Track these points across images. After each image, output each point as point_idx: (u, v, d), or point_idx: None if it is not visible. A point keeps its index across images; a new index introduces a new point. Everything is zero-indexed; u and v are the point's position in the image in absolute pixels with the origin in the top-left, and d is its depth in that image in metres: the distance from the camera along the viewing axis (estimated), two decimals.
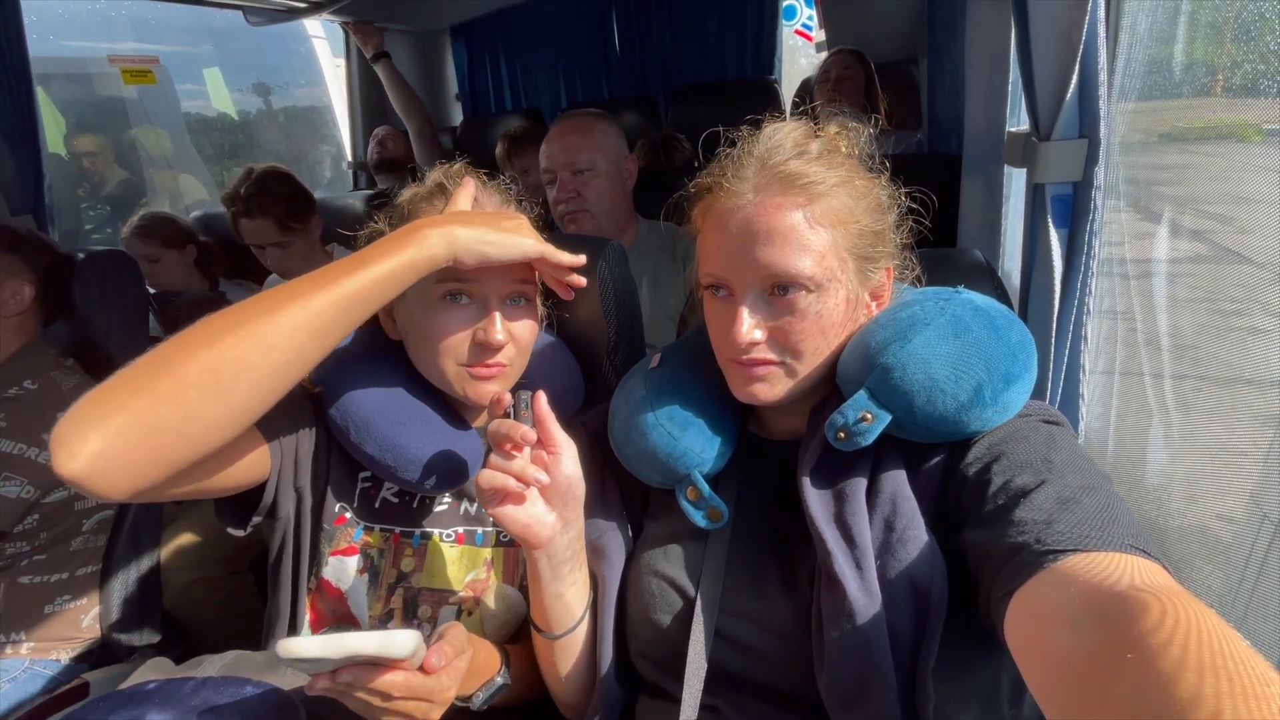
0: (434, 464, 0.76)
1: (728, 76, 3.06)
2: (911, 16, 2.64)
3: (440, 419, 0.79)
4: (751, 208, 0.63)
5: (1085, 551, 0.45)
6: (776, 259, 0.62)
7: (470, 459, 0.79)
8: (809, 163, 0.63)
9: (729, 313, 0.65)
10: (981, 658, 0.59)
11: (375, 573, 0.80)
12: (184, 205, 3.64)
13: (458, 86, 3.35)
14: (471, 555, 0.82)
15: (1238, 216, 0.92)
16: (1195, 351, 0.92)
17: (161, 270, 2.02)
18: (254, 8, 2.28)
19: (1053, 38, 0.86)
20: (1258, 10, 0.83)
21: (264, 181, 1.72)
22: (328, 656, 0.52)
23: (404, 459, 0.74)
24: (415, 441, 0.75)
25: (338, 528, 0.80)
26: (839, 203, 0.63)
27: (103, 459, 0.51)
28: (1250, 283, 0.86)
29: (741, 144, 0.67)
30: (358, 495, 0.81)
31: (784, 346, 0.64)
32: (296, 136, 4.49)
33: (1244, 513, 0.87)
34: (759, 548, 0.68)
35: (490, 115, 3.26)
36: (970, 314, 0.62)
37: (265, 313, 0.58)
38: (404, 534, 0.81)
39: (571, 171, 1.45)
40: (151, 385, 0.54)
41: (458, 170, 0.82)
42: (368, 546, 0.80)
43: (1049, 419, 0.62)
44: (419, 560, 0.81)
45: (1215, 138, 0.94)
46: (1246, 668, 0.32)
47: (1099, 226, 0.93)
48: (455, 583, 0.81)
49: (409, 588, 0.80)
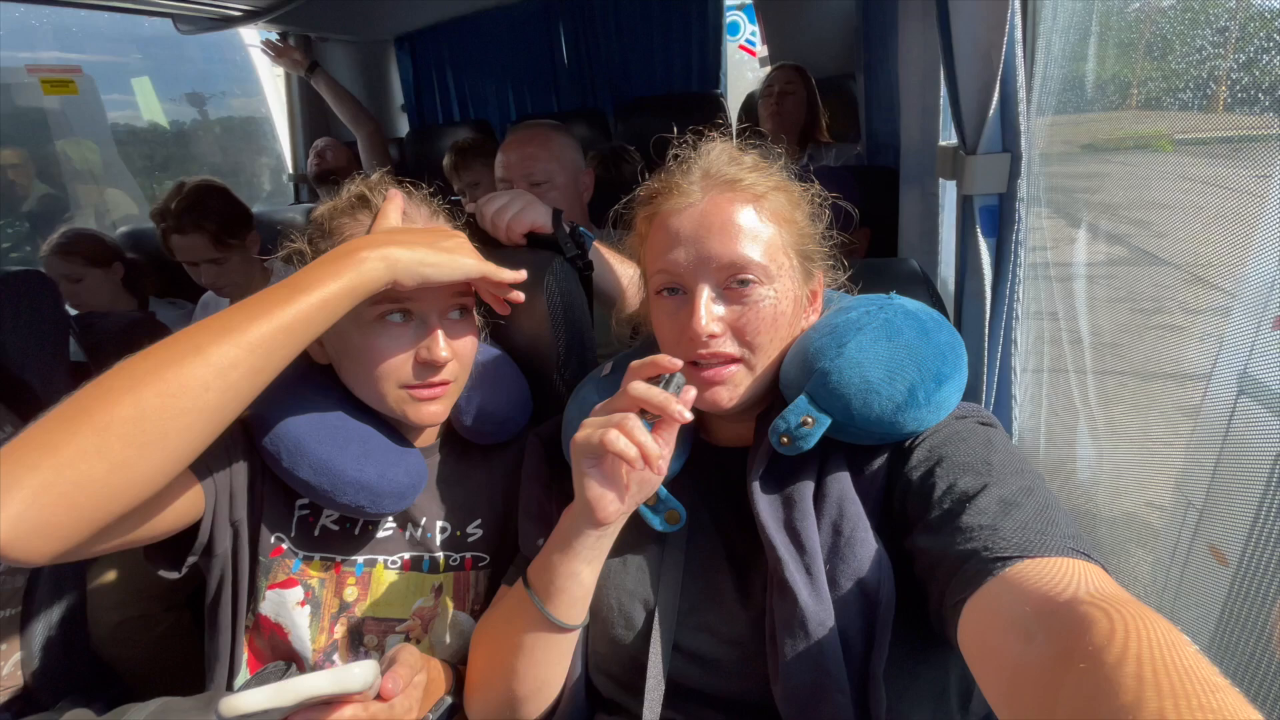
0: (374, 486, 0.73)
1: (675, 91, 3.11)
2: (848, 34, 2.74)
3: (380, 439, 0.76)
4: (704, 204, 0.65)
5: (1031, 557, 0.47)
6: (734, 249, 0.63)
7: (414, 479, 0.76)
8: (746, 170, 0.67)
9: (685, 309, 0.65)
10: (929, 658, 0.60)
11: (317, 604, 0.76)
12: (111, 221, 3.46)
13: (403, 97, 3.30)
14: (418, 581, 0.79)
15: (1153, 221, 0.98)
16: (1117, 349, 0.97)
17: (85, 290, 1.90)
18: (185, 15, 2.19)
19: (975, 58, 0.91)
20: (1161, 31, 0.89)
21: (197, 195, 1.65)
22: (279, 705, 0.50)
23: (341, 482, 0.71)
24: (352, 464, 0.72)
25: (274, 559, 0.76)
26: (779, 203, 0.67)
27: (21, 524, 0.47)
28: (1166, 283, 0.91)
29: (682, 157, 0.70)
30: (295, 524, 0.78)
31: (741, 340, 0.65)
32: (233, 148, 4.33)
33: (1170, 500, 0.92)
34: (714, 555, 0.68)
35: (437, 126, 3.21)
36: (902, 318, 0.64)
37: (194, 350, 0.54)
38: (345, 562, 0.78)
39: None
40: (69, 439, 0.49)
41: (380, 181, 0.79)
42: (307, 577, 0.77)
43: (984, 421, 0.64)
44: (362, 589, 0.78)
45: (1130, 148, 1.00)
46: (1192, 673, 0.33)
47: (1024, 235, 0.98)
48: (402, 610, 0.78)
49: (353, 617, 0.77)
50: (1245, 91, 0.72)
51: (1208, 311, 0.84)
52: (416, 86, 3.27)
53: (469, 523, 0.83)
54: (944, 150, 1.10)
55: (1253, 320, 0.76)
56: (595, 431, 0.56)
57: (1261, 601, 0.74)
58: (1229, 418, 0.80)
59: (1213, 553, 0.84)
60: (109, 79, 3.67)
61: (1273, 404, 0.74)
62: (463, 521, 0.82)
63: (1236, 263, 0.80)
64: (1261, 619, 0.74)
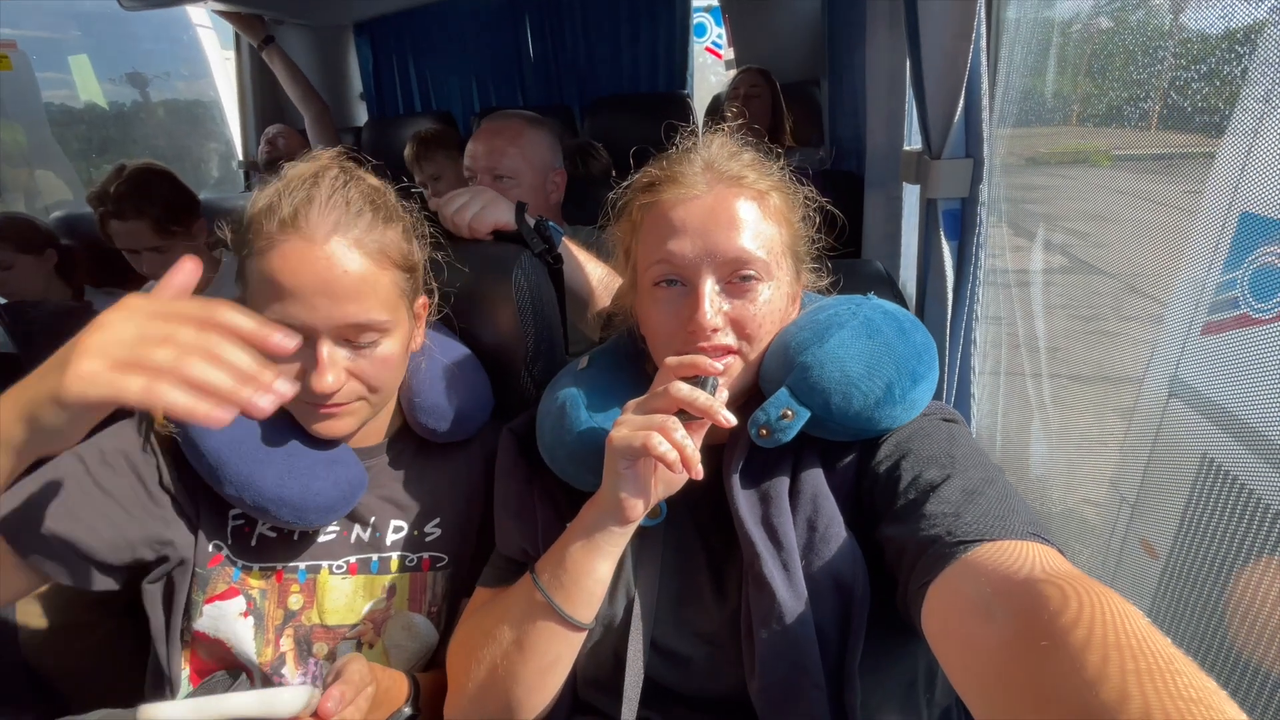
0: (297, 504, 0.70)
1: (641, 90, 3.11)
2: (814, 39, 2.79)
3: (307, 452, 0.73)
4: (710, 196, 0.65)
5: (992, 541, 0.49)
6: (740, 243, 0.63)
7: (343, 492, 0.73)
8: (746, 167, 0.67)
9: (687, 301, 0.64)
10: (901, 650, 0.62)
11: (260, 615, 0.74)
12: (43, 205, 3.26)
13: (362, 86, 3.21)
14: (368, 584, 0.77)
15: (1093, 232, 1.03)
16: (1063, 353, 1.02)
17: (15, 278, 1.80)
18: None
19: (941, 64, 0.94)
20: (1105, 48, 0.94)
21: (138, 180, 1.57)
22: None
23: (263, 498, 0.69)
24: (273, 481, 0.69)
25: (212, 569, 0.73)
26: (779, 203, 0.68)
27: None
28: (1104, 291, 0.96)
29: (680, 149, 0.70)
30: (230, 534, 0.75)
31: (740, 333, 0.65)
32: (179, 132, 4.13)
33: (1106, 497, 0.97)
34: (690, 552, 0.69)
35: (397, 117, 3.13)
36: (881, 317, 0.66)
37: None
38: (287, 569, 0.75)
39: (492, 176, 1.40)
40: None
41: (307, 174, 0.69)
42: (248, 587, 0.74)
43: (947, 417, 0.66)
44: (308, 596, 0.75)
45: (1072, 162, 1.05)
46: (1148, 645, 0.35)
47: (984, 239, 1.02)
48: (352, 615, 0.76)
49: (300, 626, 0.75)
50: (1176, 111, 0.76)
51: (1141, 319, 0.89)
52: (376, 75, 3.18)
53: (427, 522, 0.80)
54: (908, 155, 1.13)
55: (1183, 327, 0.81)
56: (637, 433, 0.56)
57: (1188, 593, 0.79)
58: (1160, 419, 0.85)
59: (1144, 547, 0.89)
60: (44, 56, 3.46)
61: (1201, 406, 0.79)
62: (420, 521, 0.80)
63: (1168, 272, 0.85)
64: (1189, 610, 0.79)
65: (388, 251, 0.70)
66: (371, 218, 0.69)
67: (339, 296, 0.65)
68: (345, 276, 0.66)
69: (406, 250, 0.73)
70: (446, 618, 0.80)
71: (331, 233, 0.66)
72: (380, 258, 0.69)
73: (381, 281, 0.69)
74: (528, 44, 3.13)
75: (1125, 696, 0.33)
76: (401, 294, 0.72)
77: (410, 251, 0.74)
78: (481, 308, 0.92)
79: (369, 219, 0.69)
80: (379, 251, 0.69)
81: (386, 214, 0.72)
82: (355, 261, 0.67)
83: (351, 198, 0.69)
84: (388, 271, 0.70)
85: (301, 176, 0.68)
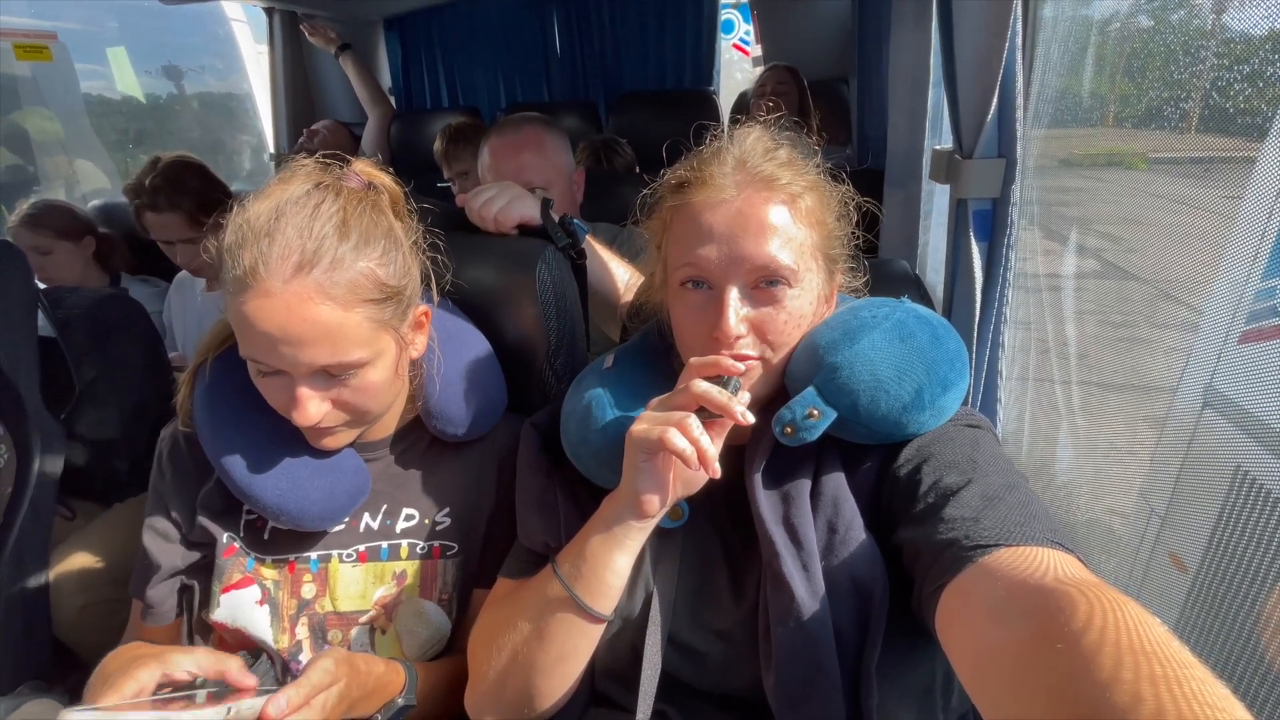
0: (296, 514, 0.73)
1: (667, 86, 3.10)
2: (842, 37, 2.76)
3: (309, 460, 0.75)
4: (739, 201, 0.64)
5: (1009, 546, 0.48)
6: (767, 251, 0.62)
7: (340, 502, 0.75)
8: (781, 167, 0.65)
9: (712, 307, 0.64)
10: (919, 654, 0.61)
11: (275, 604, 0.76)
12: (81, 194, 3.35)
13: (390, 80, 3.25)
14: (378, 571, 0.78)
15: (1126, 237, 1.01)
16: (1093, 359, 1.00)
17: (54, 264, 1.85)
18: None
19: (975, 63, 0.92)
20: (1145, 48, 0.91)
21: (172, 172, 1.60)
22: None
23: (261, 505, 0.73)
24: (272, 490, 0.72)
25: (227, 560, 0.75)
26: (812, 204, 0.66)
27: None
28: (1137, 297, 0.94)
29: (712, 145, 0.68)
30: (243, 526, 0.77)
31: (763, 339, 0.65)
32: (213, 125, 4.22)
33: (1134, 508, 0.95)
34: (709, 550, 0.69)
35: (425, 111, 3.17)
36: (915, 321, 0.65)
37: None
38: (299, 560, 0.77)
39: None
40: None
41: None
42: (262, 577, 0.76)
43: (972, 423, 0.65)
44: (320, 585, 0.77)
45: (1106, 164, 1.03)
46: (1163, 650, 0.34)
47: (1015, 240, 1.00)
48: (364, 602, 0.78)
49: (314, 614, 0.76)
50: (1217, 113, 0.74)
51: (1176, 326, 0.87)
52: (405, 70, 3.21)
53: (437, 511, 0.81)
54: (939, 154, 1.11)
55: (1219, 335, 0.79)
56: (655, 428, 0.57)
57: (1218, 609, 0.77)
58: (1193, 429, 0.83)
59: (1173, 560, 0.87)
60: (83, 48, 3.54)
61: (1236, 417, 0.77)
62: (431, 509, 0.81)
63: (1205, 279, 0.82)
64: (1218, 626, 0.77)
65: (358, 289, 0.65)
66: (336, 252, 0.64)
67: (305, 344, 0.63)
68: (307, 325, 0.62)
69: (383, 277, 0.67)
70: (458, 606, 0.81)
71: (290, 281, 0.62)
72: (348, 298, 0.64)
73: (350, 321, 0.65)
74: (554, 39, 3.14)
75: (1138, 699, 0.32)
76: (380, 324, 0.68)
77: (391, 275, 0.68)
78: (505, 301, 0.92)
79: (333, 255, 0.64)
80: (347, 291, 0.64)
81: (361, 237, 0.66)
82: (319, 309, 0.63)
83: (315, 232, 0.64)
84: (358, 310, 0.65)
85: (260, 215, 0.64)
